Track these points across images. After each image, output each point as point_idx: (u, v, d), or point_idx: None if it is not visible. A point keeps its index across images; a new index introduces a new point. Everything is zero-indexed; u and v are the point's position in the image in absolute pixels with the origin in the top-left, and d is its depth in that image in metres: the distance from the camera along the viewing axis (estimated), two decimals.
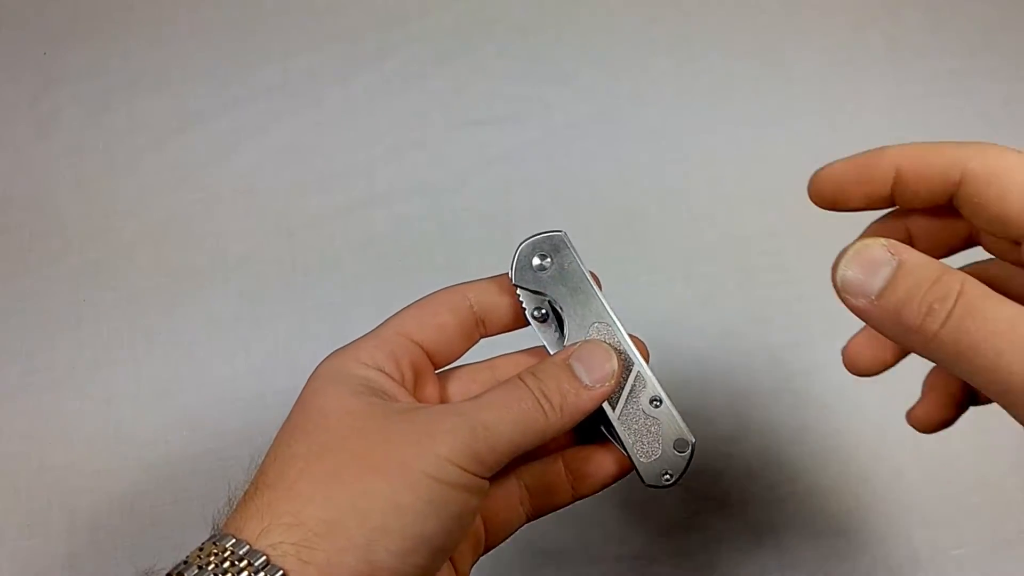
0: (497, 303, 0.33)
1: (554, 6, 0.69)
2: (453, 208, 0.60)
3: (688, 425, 0.31)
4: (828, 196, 0.27)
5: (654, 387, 0.31)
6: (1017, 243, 0.24)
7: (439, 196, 0.61)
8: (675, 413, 0.31)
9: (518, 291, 0.32)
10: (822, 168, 0.27)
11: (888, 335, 0.24)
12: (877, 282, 0.23)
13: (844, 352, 0.30)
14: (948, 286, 0.22)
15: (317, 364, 0.33)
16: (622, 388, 0.31)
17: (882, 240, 0.24)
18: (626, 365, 0.31)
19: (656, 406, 0.31)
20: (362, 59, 0.66)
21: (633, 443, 0.31)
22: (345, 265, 0.58)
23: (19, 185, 0.61)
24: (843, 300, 0.24)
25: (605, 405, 0.30)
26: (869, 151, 0.26)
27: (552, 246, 0.32)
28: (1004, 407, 0.22)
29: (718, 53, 0.67)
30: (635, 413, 0.31)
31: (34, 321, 0.56)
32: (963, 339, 0.21)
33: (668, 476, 0.31)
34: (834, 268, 0.24)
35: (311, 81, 0.65)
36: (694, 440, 0.31)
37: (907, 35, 0.68)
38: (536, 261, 0.32)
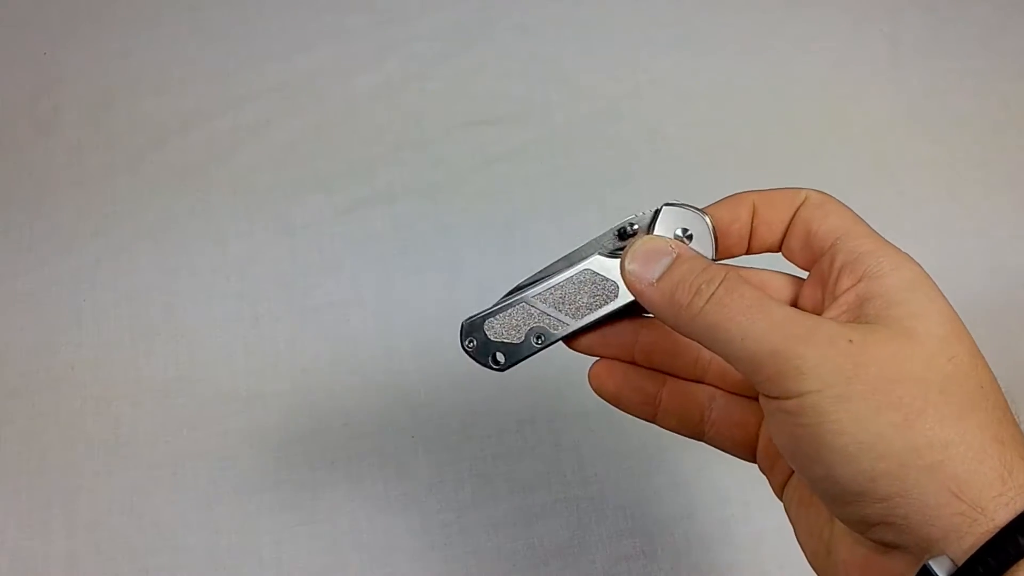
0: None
1: (554, 6, 0.69)
2: (453, 208, 0.60)
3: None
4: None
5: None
6: (814, 256, 0.29)
7: (439, 196, 0.61)
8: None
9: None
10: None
11: (662, 317, 0.28)
12: (658, 269, 0.28)
13: (590, 375, 0.33)
14: (714, 272, 0.27)
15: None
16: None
17: (664, 237, 0.30)
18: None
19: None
20: (362, 59, 0.66)
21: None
22: (345, 265, 0.58)
23: (19, 185, 0.61)
24: (628, 285, 0.29)
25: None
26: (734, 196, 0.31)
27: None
28: (748, 374, 0.25)
29: (716, 54, 0.67)
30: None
31: (34, 320, 0.56)
32: (722, 312, 0.25)
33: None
34: (624, 255, 0.29)
35: (311, 81, 0.65)
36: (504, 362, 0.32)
37: (907, 35, 0.68)
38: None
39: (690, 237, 0.30)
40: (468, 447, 0.53)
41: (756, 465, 0.32)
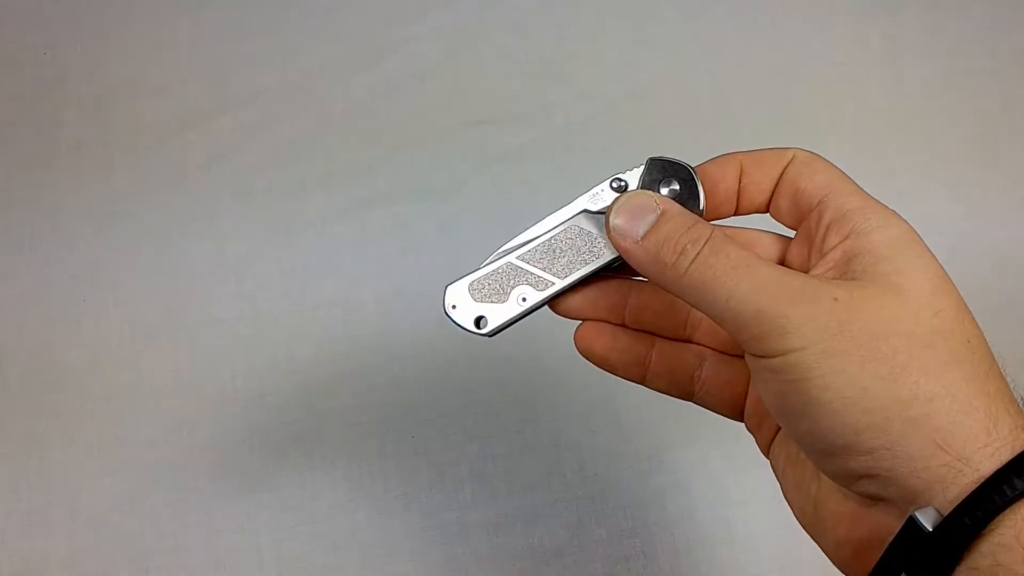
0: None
1: (554, 6, 0.69)
2: (453, 208, 0.60)
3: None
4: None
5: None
6: (802, 214, 0.28)
7: (439, 196, 0.61)
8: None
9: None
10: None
11: (647, 273, 0.28)
12: (643, 226, 0.28)
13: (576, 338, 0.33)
14: (700, 231, 0.26)
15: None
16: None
17: (650, 192, 0.29)
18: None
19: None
20: (362, 59, 0.66)
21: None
22: (345, 265, 0.58)
23: (19, 186, 0.61)
24: (613, 241, 0.28)
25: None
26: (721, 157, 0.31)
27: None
28: (734, 333, 0.25)
29: (716, 54, 0.67)
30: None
31: (34, 321, 0.56)
32: (707, 272, 0.25)
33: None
34: (608, 212, 0.29)
35: (311, 81, 0.65)
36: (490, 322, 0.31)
37: (907, 35, 0.68)
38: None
39: (677, 191, 0.29)
40: (468, 447, 0.53)
41: (743, 424, 0.32)
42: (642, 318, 0.32)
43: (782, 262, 0.29)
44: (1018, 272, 0.58)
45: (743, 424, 0.32)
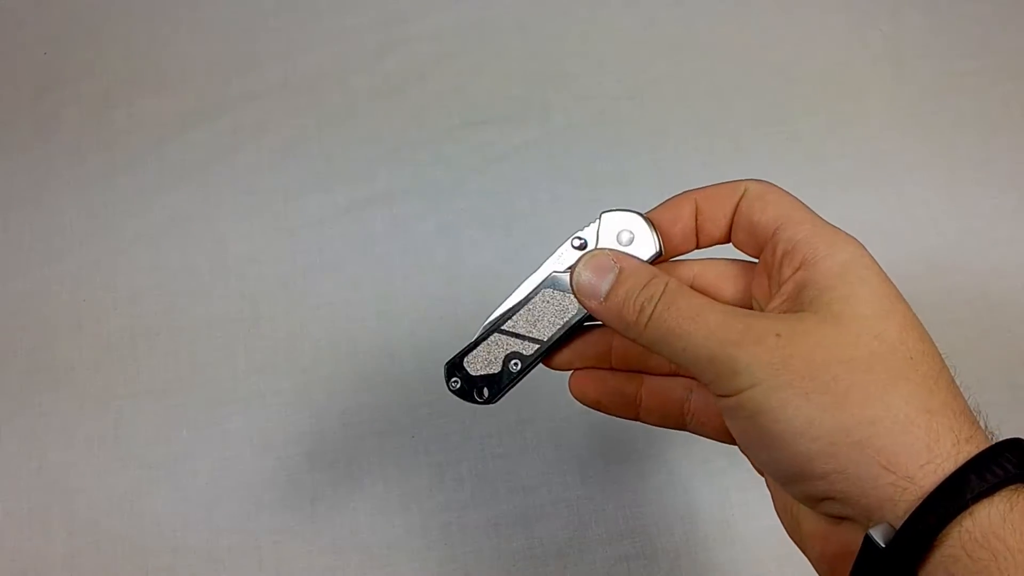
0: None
1: (554, 6, 0.69)
2: (453, 208, 0.60)
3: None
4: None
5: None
6: (760, 246, 0.30)
7: (439, 196, 0.61)
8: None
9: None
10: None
11: (616, 329, 0.29)
12: (604, 286, 0.30)
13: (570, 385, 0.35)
14: (655, 287, 0.28)
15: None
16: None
17: (607, 250, 0.31)
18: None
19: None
20: (362, 59, 0.66)
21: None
22: (345, 265, 0.58)
23: (19, 185, 0.61)
24: (580, 302, 0.31)
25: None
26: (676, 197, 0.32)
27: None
28: (696, 377, 0.27)
29: (715, 54, 0.67)
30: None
31: (34, 321, 0.56)
32: (663, 327, 0.27)
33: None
34: (571, 272, 0.31)
35: (311, 81, 0.65)
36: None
37: (907, 35, 0.68)
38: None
39: (631, 240, 0.31)
40: (468, 447, 0.53)
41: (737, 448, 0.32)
42: (628, 359, 0.34)
43: (748, 292, 0.31)
44: (1018, 272, 0.58)
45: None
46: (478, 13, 0.68)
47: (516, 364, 0.33)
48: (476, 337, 0.33)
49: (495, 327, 0.33)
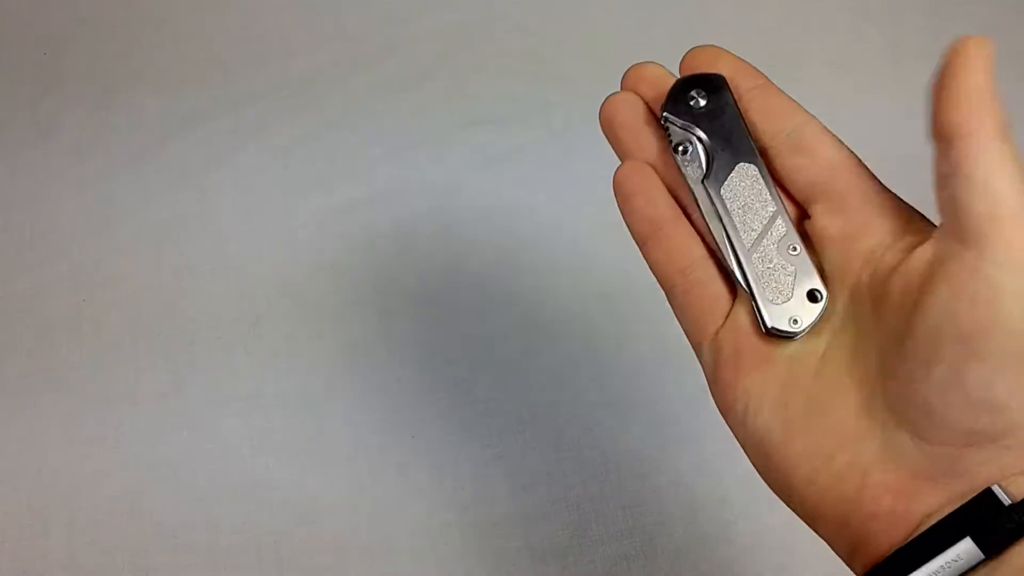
0: None
1: (554, 6, 0.69)
2: (453, 208, 0.60)
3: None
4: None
5: (792, 234, 0.29)
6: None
7: (439, 196, 0.61)
8: (810, 263, 0.29)
9: (667, 124, 0.32)
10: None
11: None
12: None
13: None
14: None
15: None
16: (755, 229, 0.29)
17: None
18: (763, 205, 0.30)
19: (793, 252, 0.29)
20: (362, 59, 0.66)
21: (760, 284, 0.29)
22: (345, 265, 0.58)
23: (19, 185, 0.61)
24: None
25: (735, 241, 0.29)
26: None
27: (711, 85, 0.32)
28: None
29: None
30: (768, 255, 0.29)
31: (34, 321, 0.56)
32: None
33: (795, 321, 0.28)
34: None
35: (311, 81, 0.65)
36: (825, 292, 0.28)
37: (907, 35, 0.68)
38: (692, 96, 0.32)
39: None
40: (468, 447, 0.53)
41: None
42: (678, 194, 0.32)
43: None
44: None
45: None
46: (478, 13, 0.68)
47: (794, 249, 0.29)
48: (741, 281, 0.29)
49: (741, 259, 0.29)
